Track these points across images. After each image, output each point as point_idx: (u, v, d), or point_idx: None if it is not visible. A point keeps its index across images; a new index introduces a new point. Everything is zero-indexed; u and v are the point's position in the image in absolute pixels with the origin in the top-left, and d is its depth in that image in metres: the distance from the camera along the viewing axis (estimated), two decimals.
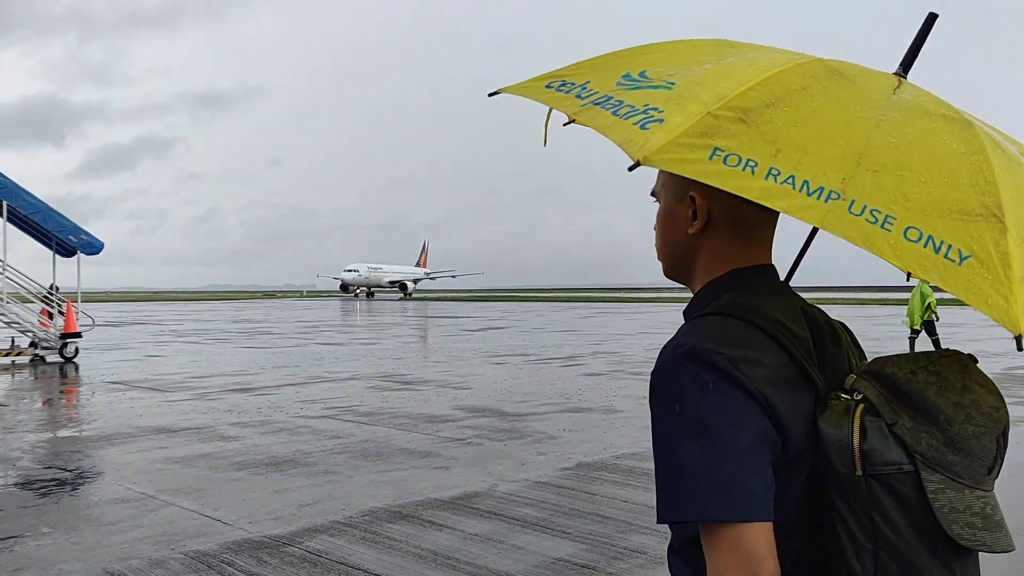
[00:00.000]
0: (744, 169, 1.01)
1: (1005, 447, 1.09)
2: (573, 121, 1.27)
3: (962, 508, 1.03)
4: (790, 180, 1.00)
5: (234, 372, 15.29)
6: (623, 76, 1.21)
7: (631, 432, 8.83)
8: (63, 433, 9.05)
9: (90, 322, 20.29)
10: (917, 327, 18.02)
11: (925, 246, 0.98)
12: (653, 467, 1.11)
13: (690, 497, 1.03)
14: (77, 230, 18.87)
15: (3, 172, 18.05)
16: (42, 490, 6.43)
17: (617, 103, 1.15)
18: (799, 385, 1.11)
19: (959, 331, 21.39)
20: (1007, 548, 1.05)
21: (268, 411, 10.44)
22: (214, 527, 5.39)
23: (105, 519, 5.60)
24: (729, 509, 1.02)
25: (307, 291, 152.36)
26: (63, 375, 15.56)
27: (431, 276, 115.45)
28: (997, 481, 1.09)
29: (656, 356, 1.13)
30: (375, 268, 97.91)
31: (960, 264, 0.98)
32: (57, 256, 19.64)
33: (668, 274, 1.32)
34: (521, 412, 10.24)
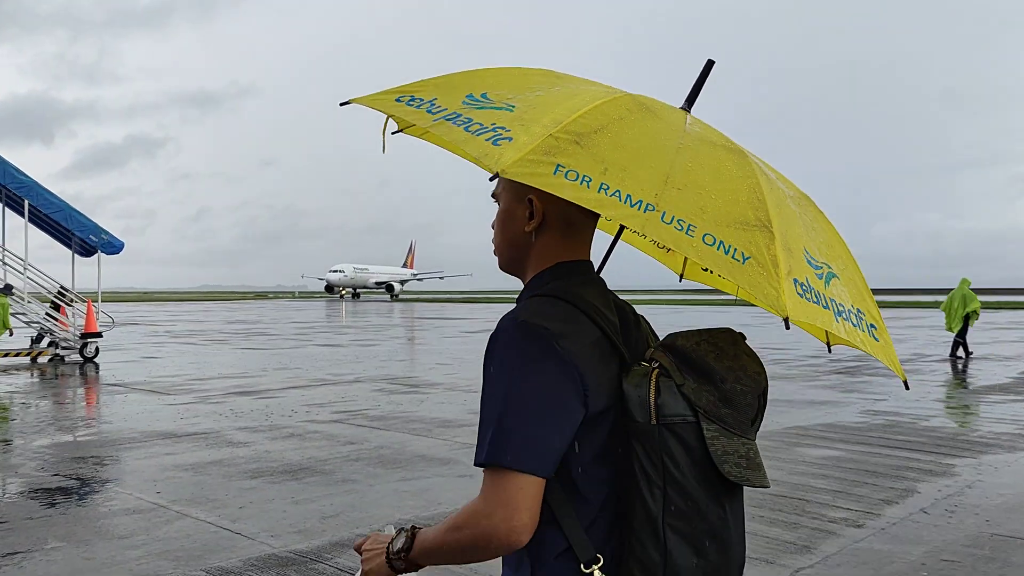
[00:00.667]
0: (581, 183, 1.20)
1: (764, 405, 1.36)
2: (401, 131, 1.55)
3: (731, 451, 1.28)
4: (617, 193, 1.20)
5: (235, 374, 14.93)
6: (467, 96, 1.37)
7: None
8: (66, 438, 8.69)
9: (110, 321, 20.06)
10: (955, 327, 18.08)
11: (718, 249, 1.19)
12: None
13: (491, 444, 1.25)
14: (98, 229, 18.71)
15: (23, 170, 17.79)
16: (48, 500, 6.09)
17: (467, 120, 1.31)
18: (608, 356, 1.33)
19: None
20: (764, 485, 1.31)
21: (275, 415, 10.11)
22: (235, 541, 5.08)
23: (117, 532, 5.28)
24: (514, 457, 1.24)
25: (299, 292, 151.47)
26: (69, 376, 15.18)
27: (418, 277, 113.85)
28: None
29: None
30: (361, 269, 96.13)
31: (743, 263, 1.20)
32: (76, 255, 19.47)
33: (503, 267, 1.52)
34: None
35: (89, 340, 17.96)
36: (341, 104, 1.49)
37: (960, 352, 18.16)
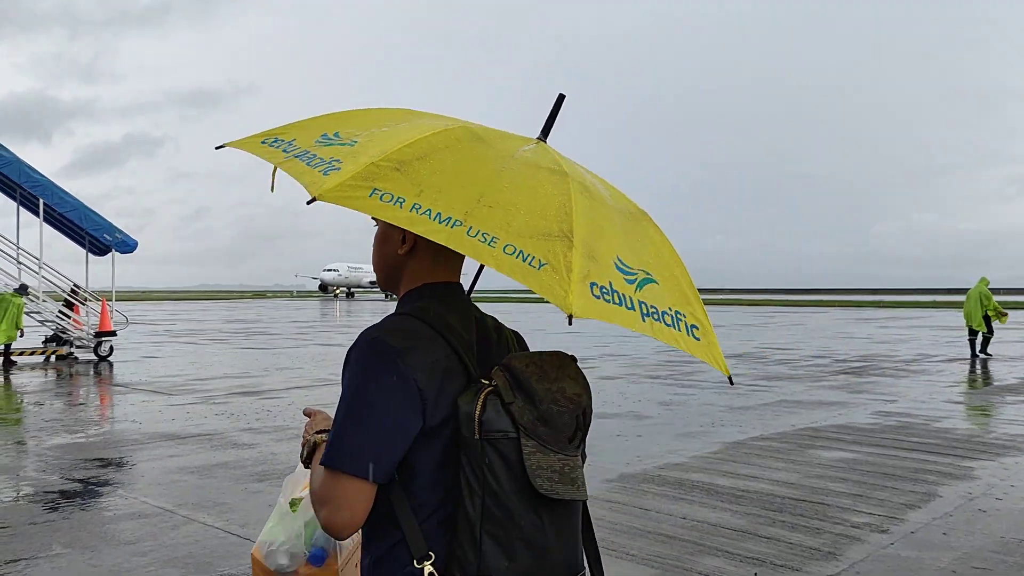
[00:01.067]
0: (395, 204, 1.36)
1: (586, 425, 1.49)
2: (315, 200, 1.62)
3: (545, 467, 1.40)
4: (427, 212, 1.35)
5: (237, 374, 14.79)
6: (321, 136, 1.54)
7: (665, 440, 8.42)
8: (69, 439, 8.54)
9: (124, 320, 20.12)
10: (977, 326, 18.36)
11: (517, 257, 1.34)
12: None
13: (330, 447, 1.42)
14: (112, 228, 18.74)
15: (38, 169, 17.92)
16: (51, 503, 5.95)
17: (311, 156, 1.47)
18: (455, 372, 1.47)
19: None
20: (577, 498, 1.45)
21: (280, 416, 9.97)
22: (245, 547, 4.95)
23: (124, 537, 5.14)
24: (347, 463, 1.40)
25: (297, 291, 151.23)
26: (81, 375, 15.03)
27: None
28: None
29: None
30: (356, 268, 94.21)
31: (539, 269, 1.34)
32: (90, 255, 19.53)
33: (380, 284, 1.68)
34: None
35: (103, 339, 17.94)
36: (216, 148, 1.65)
37: (989, 350, 18.39)
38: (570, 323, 1.35)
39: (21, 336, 17.32)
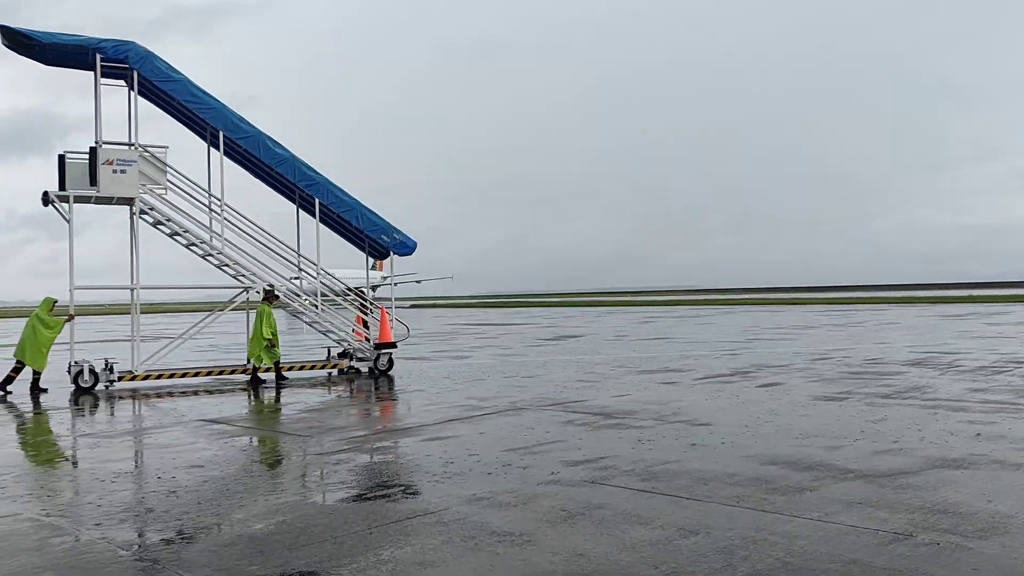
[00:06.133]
0: None
1: None
2: None
3: None
4: None
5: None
6: None
7: None
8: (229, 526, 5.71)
9: (405, 330, 18.45)
10: None
11: None
12: None
13: None
14: (390, 229, 17.12)
15: (315, 168, 16.17)
16: None
17: None
18: None
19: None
20: None
21: (491, 472, 7.05)
22: None
23: None
24: None
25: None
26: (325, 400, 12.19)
27: (391, 281, 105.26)
28: None
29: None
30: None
31: None
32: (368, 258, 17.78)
33: None
34: (870, 470, 6.87)
35: (383, 351, 16.06)
36: None
37: None
38: None
39: (270, 345, 14.89)
